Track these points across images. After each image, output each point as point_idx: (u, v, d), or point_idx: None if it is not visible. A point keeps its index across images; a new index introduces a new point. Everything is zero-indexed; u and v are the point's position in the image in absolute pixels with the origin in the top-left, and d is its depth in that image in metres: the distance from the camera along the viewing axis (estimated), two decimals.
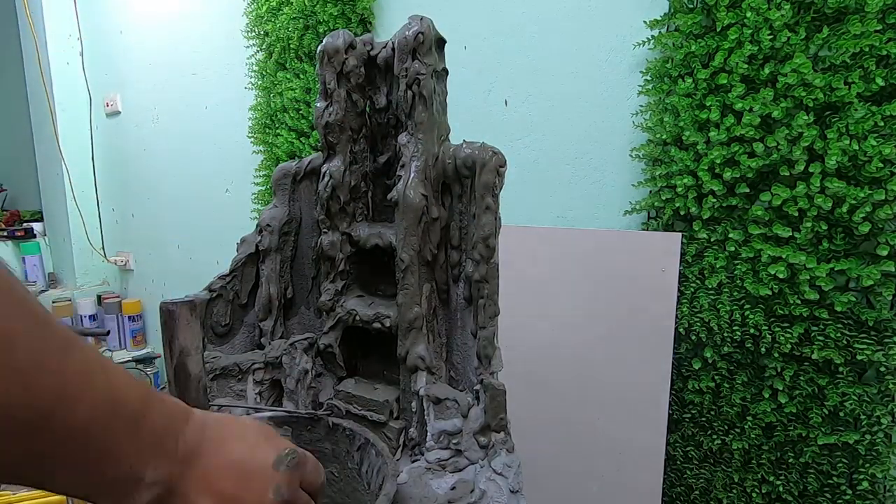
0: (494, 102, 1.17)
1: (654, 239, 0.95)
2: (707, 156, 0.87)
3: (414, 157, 0.61)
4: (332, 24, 1.32)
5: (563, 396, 1.03)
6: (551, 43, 1.08)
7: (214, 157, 1.87)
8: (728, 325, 0.89)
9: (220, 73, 1.79)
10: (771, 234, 0.83)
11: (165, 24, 1.95)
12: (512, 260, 1.02)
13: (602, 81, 1.03)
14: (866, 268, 0.77)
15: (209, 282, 0.74)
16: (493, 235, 0.59)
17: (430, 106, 0.61)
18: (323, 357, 0.72)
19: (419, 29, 0.60)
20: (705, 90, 0.86)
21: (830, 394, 0.82)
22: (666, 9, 0.92)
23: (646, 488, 0.96)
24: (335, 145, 0.67)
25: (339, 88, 0.66)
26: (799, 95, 0.79)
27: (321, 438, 0.57)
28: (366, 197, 0.71)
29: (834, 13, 0.77)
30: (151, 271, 2.29)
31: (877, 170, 0.74)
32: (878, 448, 0.79)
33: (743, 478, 0.91)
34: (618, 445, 0.99)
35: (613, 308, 0.98)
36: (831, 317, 0.81)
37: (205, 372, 0.46)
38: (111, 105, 2.25)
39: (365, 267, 0.72)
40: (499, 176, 0.58)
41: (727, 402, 0.91)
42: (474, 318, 0.61)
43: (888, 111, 0.73)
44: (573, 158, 1.08)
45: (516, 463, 0.55)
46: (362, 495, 0.53)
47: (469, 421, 0.58)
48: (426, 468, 0.57)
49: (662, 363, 0.94)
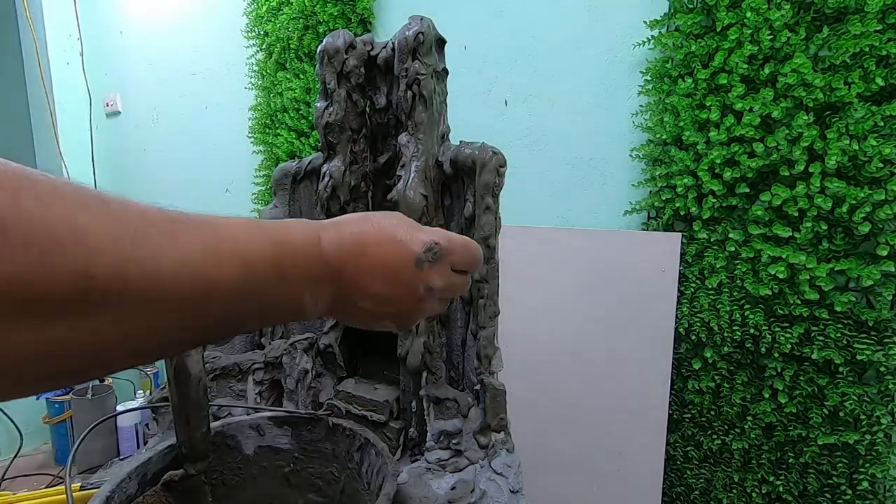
0: (494, 102, 1.17)
1: (654, 239, 0.95)
2: (707, 156, 0.87)
3: (414, 157, 0.61)
4: (332, 24, 1.32)
5: (564, 396, 1.03)
6: (551, 43, 1.08)
7: (214, 157, 1.87)
8: (728, 325, 0.89)
9: (220, 73, 1.79)
10: (771, 234, 0.83)
11: (165, 24, 1.95)
12: (512, 260, 1.02)
13: (602, 81, 1.03)
14: (866, 268, 0.77)
15: None
16: (493, 235, 0.59)
17: (430, 106, 0.61)
18: (323, 357, 0.72)
19: (419, 29, 0.60)
20: (705, 90, 0.86)
21: (830, 394, 0.82)
22: (666, 9, 0.92)
23: (646, 488, 0.96)
24: (335, 145, 0.67)
25: (339, 88, 0.66)
26: (799, 95, 0.79)
27: (321, 438, 0.57)
28: (366, 197, 0.71)
29: (834, 13, 0.77)
30: None
31: (877, 170, 0.74)
32: (878, 448, 0.79)
33: (743, 478, 0.91)
34: (618, 445, 0.99)
35: (613, 308, 0.98)
36: (831, 317, 0.81)
37: (205, 372, 0.46)
38: (111, 105, 2.25)
39: None
40: (499, 176, 0.58)
41: (727, 402, 0.91)
42: (474, 318, 0.61)
43: (888, 111, 0.73)
44: (573, 158, 1.08)
45: (516, 463, 0.55)
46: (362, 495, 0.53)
47: (469, 421, 0.58)
48: (426, 468, 0.57)
49: (662, 363, 0.94)
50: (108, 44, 2.22)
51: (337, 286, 0.34)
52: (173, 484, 0.49)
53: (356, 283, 0.34)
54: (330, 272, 0.33)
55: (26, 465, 1.42)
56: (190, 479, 0.49)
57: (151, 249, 0.23)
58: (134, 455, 0.83)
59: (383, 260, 0.35)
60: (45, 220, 0.20)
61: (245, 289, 0.28)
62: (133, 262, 0.22)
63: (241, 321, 0.30)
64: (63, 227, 0.20)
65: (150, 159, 2.15)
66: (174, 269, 0.24)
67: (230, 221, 0.30)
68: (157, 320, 0.24)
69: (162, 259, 0.24)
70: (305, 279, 0.32)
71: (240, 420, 0.57)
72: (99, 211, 0.22)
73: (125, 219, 0.23)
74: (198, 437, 0.48)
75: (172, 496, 0.49)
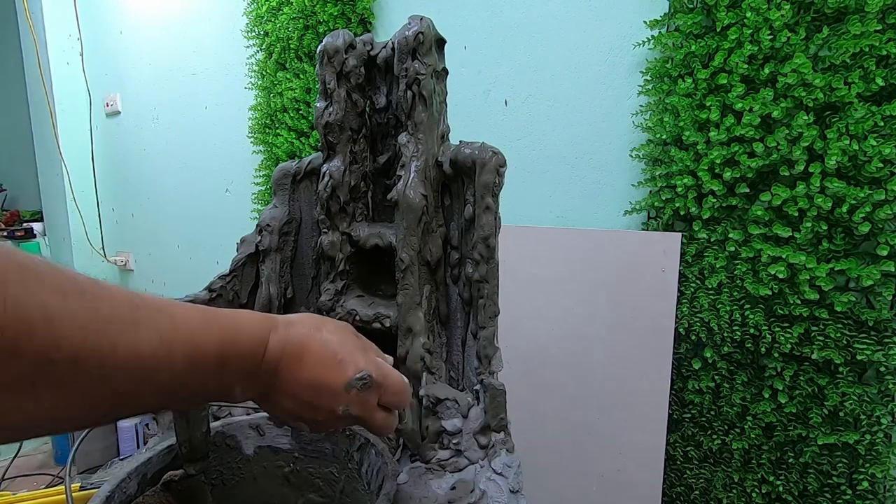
0: (494, 102, 1.17)
1: (654, 239, 0.95)
2: (707, 156, 0.87)
3: (414, 157, 0.61)
4: (332, 24, 1.32)
5: (564, 396, 1.03)
6: (551, 43, 1.08)
7: (214, 157, 1.87)
8: (728, 325, 0.89)
9: (220, 73, 1.79)
10: (771, 234, 0.83)
11: (165, 24, 1.95)
12: (512, 260, 1.03)
13: (602, 81, 1.03)
14: (866, 268, 0.77)
15: (209, 282, 0.74)
16: (493, 235, 0.59)
17: (430, 106, 0.61)
18: None
19: (419, 29, 0.60)
20: (705, 90, 0.86)
21: (830, 394, 0.82)
22: (666, 9, 0.92)
23: (646, 488, 0.96)
24: (335, 145, 0.67)
25: (339, 88, 0.66)
26: (799, 95, 0.79)
27: (321, 438, 0.57)
28: (366, 197, 0.71)
29: (834, 13, 0.77)
30: (151, 271, 2.29)
31: (877, 170, 0.74)
32: (878, 448, 0.79)
33: (743, 478, 0.91)
34: (618, 445, 0.99)
35: (613, 308, 0.98)
36: (831, 317, 0.81)
37: None
38: (111, 105, 2.25)
39: (365, 267, 0.72)
40: (499, 176, 0.58)
41: (727, 402, 0.91)
42: (474, 318, 0.61)
43: (888, 111, 0.73)
44: (573, 158, 1.08)
45: (516, 463, 0.55)
46: (362, 495, 0.53)
47: (469, 421, 0.58)
48: (426, 468, 0.57)
49: (662, 363, 0.94)
50: (108, 44, 2.23)
51: (268, 384, 0.36)
52: (173, 484, 0.49)
53: (285, 385, 0.37)
54: (265, 371, 0.36)
55: (26, 465, 1.42)
56: (190, 479, 0.49)
57: (111, 339, 0.25)
58: (134, 455, 0.83)
59: (315, 373, 0.37)
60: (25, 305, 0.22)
61: (185, 378, 0.30)
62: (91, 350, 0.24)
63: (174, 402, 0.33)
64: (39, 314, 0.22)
65: (149, 159, 2.15)
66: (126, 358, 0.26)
67: (187, 310, 0.31)
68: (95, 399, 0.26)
69: (118, 349, 0.26)
70: (242, 374, 0.34)
71: (240, 420, 0.57)
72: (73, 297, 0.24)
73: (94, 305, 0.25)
74: (198, 437, 0.48)
75: (172, 496, 0.49)
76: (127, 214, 2.33)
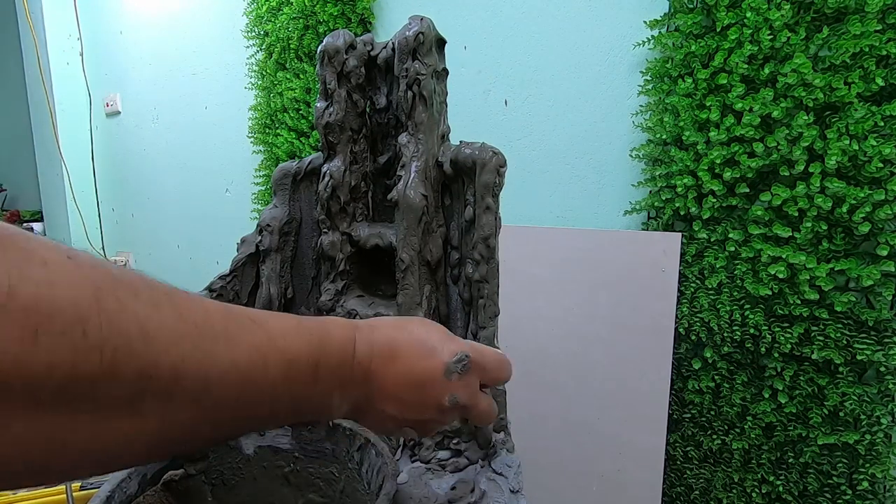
0: (494, 102, 1.17)
1: (654, 239, 0.95)
2: (707, 156, 0.87)
3: (414, 157, 0.61)
4: (332, 24, 1.32)
5: (563, 396, 1.03)
6: (551, 43, 1.08)
7: (214, 157, 1.87)
8: (728, 325, 0.89)
9: (220, 73, 1.79)
10: (771, 234, 0.83)
11: (165, 24, 1.95)
12: (512, 260, 1.02)
13: (602, 81, 1.03)
14: (866, 268, 0.77)
15: (209, 282, 0.74)
16: (493, 235, 0.59)
17: (430, 106, 0.61)
18: None
19: (419, 29, 0.60)
20: (705, 90, 0.86)
21: (830, 394, 0.82)
22: (666, 9, 0.92)
23: (646, 488, 0.96)
24: (335, 145, 0.67)
25: (339, 89, 0.66)
26: (799, 95, 0.79)
27: (321, 438, 0.57)
28: (366, 197, 0.71)
29: (834, 13, 0.77)
30: (151, 271, 2.26)
31: (877, 170, 0.74)
32: (878, 448, 0.79)
33: (743, 478, 0.91)
34: (618, 445, 0.99)
35: (613, 308, 0.98)
36: (831, 317, 0.81)
37: None
38: (111, 105, 2.25)
39: (365, 267, 0.72)
40: (499, 176, 0.58)
41: (727, 402, 0.91)
42: (474, 318, 0.61)
43: (888, 111, 0.73)
44: (573, 158, 1.08)
45: (516, 463, 0.55)
46: (362, 495, 0.53)
47: None
48: (426, 468, 0.57)
49: (662, 363, 0.94)
50: (108, 44, 2.23)
51: (364, 389, 0.34)
52: (173, 484, 0.49)
53: (383, 387, 0.35)
54: (360, 374, 0.34)
55: None
56: (190, 479, 0.49)
57: (208, 349, 0.24)
58: None
59: (413, 366, 0.35)
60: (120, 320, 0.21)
61: (282, 388, 0.29)
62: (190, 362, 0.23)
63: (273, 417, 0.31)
64: (135, 328, 0.21)
65: (149, 159, 2.15)
66: (225, 370, 0.25)
67: (279, 319, 0.30)
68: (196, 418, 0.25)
69: (216, 360, 0.25)
70: (338, 381, 0.33)
71: None
72: (167, 308, 0.23)
73: (189, 317, 0.24)
74: None
75: (172, 496, 0.49)
76: (127, 214, 2.33)
